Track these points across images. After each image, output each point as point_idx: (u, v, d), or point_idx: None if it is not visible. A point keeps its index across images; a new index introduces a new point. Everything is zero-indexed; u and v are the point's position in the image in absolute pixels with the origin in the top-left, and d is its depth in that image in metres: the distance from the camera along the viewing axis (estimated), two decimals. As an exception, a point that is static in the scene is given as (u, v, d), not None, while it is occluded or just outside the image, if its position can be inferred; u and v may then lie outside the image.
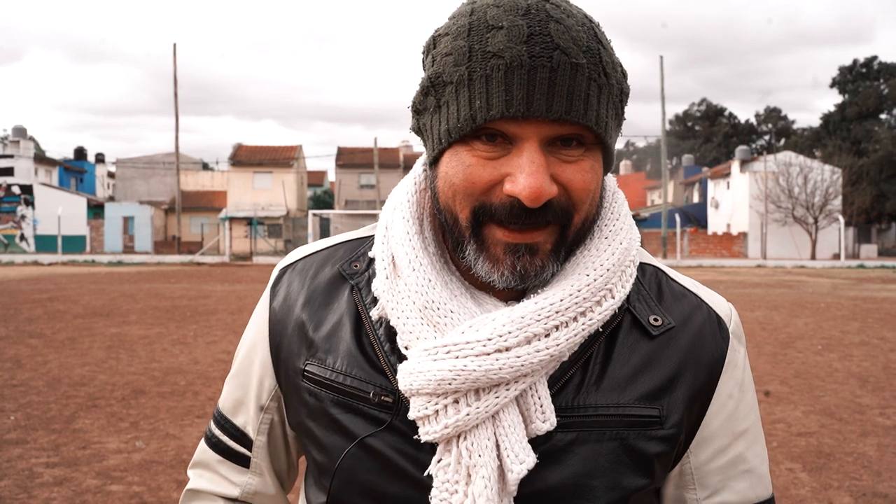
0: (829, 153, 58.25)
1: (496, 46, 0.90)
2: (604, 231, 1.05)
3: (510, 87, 0.89)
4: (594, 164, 0.97)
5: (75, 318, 14.35)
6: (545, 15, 0.91)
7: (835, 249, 48.09)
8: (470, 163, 0.94)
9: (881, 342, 12.05)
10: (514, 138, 0.93)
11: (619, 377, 1.02)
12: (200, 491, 1.22)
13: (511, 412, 0.96)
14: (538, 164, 0.91)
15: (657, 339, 1.05)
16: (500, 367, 0.93)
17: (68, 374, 8.87)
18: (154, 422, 6.81)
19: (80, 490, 5.07)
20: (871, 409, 7.56)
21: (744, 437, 1.10)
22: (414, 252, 1.03)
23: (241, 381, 1.21)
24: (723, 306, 1.13)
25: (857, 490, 5.26)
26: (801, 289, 23.83)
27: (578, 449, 0.99)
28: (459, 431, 0.95)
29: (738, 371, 1.10)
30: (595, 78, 0.92)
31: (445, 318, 0.98)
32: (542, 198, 0.91)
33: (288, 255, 1.24)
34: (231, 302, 17.81)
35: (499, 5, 0.93)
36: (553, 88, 0.89)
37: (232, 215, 51.52)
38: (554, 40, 0.89)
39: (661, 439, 1.02)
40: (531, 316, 0.95)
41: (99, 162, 71.68)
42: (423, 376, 0.94)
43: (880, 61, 74.70)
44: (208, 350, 10.67)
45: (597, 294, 0.99)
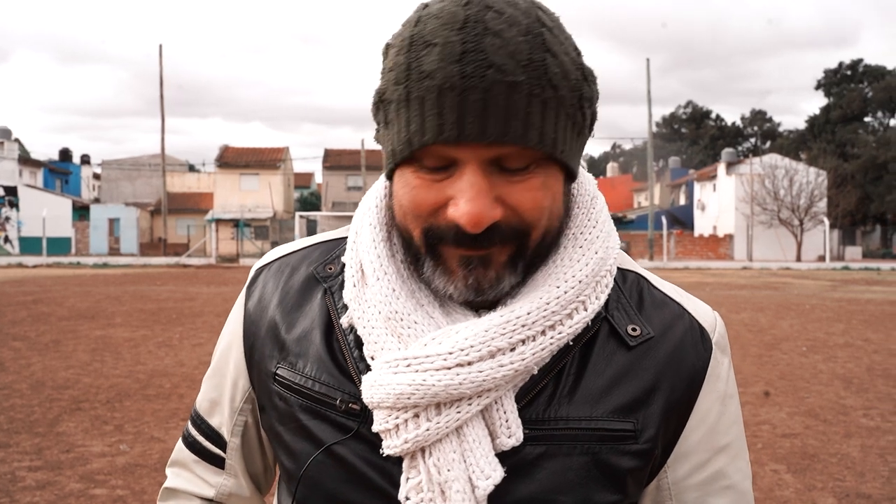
0: (815, 156, 58.53)
1: (429, 66, 0.85)
2: (579, 239, 1.01)
3: (442, 110, 0.85)
4: (546, 179, 0.92)
5: (60, 320, 14.27)
6: (482, 28, 0.85)
7: (820, 251, 48.35)
8: (415, 185, 0.92)
9: (865, 344, 12.13)
10: (453, 161, 0.89)
11: (592, 389, 0.98)
12: (177, 490, 1.21)
13: (476, 426, 0.93)
14: (477, 189, 0.87)
15: (635, 350, 1.01)
16: (461, 382, 0.90)
17: (52, 376, 8.82)
18: (139, 425, 6.77)
19: (64, 494, 5.03)
20: (855, 410, 7.61)
21: (725, 452, 1.05)
22: (379, 260, 1.00)
23: (217, 381, 1.19)
24: (706, 316, 1.08)
25: (841, 491, 5.28)
26: (786, 290, 23.96)
27: (548, 463, 0.95)
28: (420, 446, 0.92)
29: (721, 383, 1.06)
30: (537, 93, 0.86)
31: (409, 329, 0.95)
32: (482, 223, 0.87)
33: (265, 255, 1.22)
34: (217, 304, 17.75)
35: (439, 16, 0.87)
36: (487, 110, 0.84)
37: (218, 217, 51.35)
38: (488, 58, 0.84)
39: (634, 454, 0.98)
40: (496, 329, 0.91)
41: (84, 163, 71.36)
42: (383, 389, 0.92)
43: (865, 64, 75.22)
44: (194, 352, 10.63)
45: (567, 307, 0.95)
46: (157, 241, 53.49)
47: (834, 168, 53.27)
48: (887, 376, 9.32)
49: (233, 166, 54.68)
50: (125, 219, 50.89)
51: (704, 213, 57.89)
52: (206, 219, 52.83)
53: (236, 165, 54.72)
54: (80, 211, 53.76)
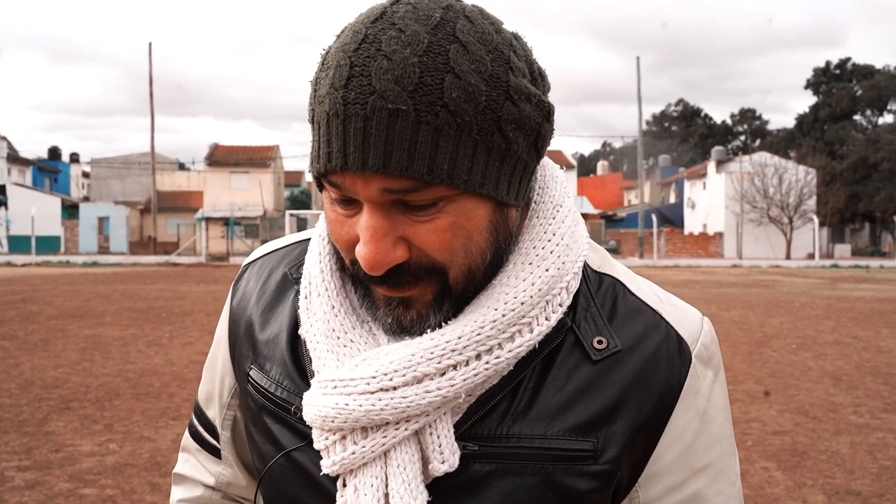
0: (804, 154, 58.73)
1: (322, 90, 0.82)
2: (530, 255, 0.93)
3: (330, 138, 0.81)
4: (456, 218, 0.84)
5: (49, 319, 14.20)
6: (374, 49, 0.79)
7: (809, 249, 48.53)
8: (331, 219, 0.89)
9: (854, 341, 12.18)
10: (353, 195, 0.84)
11: (549, 405, 0.92)
12: (185, 476, 1.25)
13: (403, 451, 0.89)
14: (373, 231, 0.82)
15: (599, 364, 0.94)
16: (382, 407, 0.86)
17: (41, 376, 8.77)
18: (128, 424, 6.75)
19: (53, 494, 5.01)
20: (845, 407, 7.64)
21: (703, 474, 0.97)
22: (322, 275, 0.98)
23: (210, 375, 1.20)
24: (689, 325, 0.99)
25: (831, 488, 5.31)
26: (776, 288, 24.04)
27: (497, 482, 0.91)
28: (348, 469, 0.90)
29: (701, 400, 0.97)
30: (428, 121, 0.79)
31: (345, 347, 0.93)
32: (380, 267, 0.83)
33: (254, 251, 1.21)
34: (207, 303, 17.70)
35: (343, 34, 0.84)
36: (368, 139, 0.79)
37: (208, 215, 51.21)
38: (371, 83, 0.78)
39: (593, 475, 0.91)
40: (423, 353, 0.87)
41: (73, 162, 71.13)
42: (314, 410, 0.90)
43: (854, 63, 75.58)
44: (184, 351, 10.59)
45: (507, 330, 0.88)
46: (147, 239, 53.29)
47: (823, 166, 53.50)
48: (876, 373, 9.37)
49: (223, 165, 54.51)
50: (114, 217, 50.71)
51: (694, 212, 58.06)
52: (195, 217, 52.68)
53: (226, 164, 54.56)
54: (69, 209, 53.58)
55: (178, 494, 1.24)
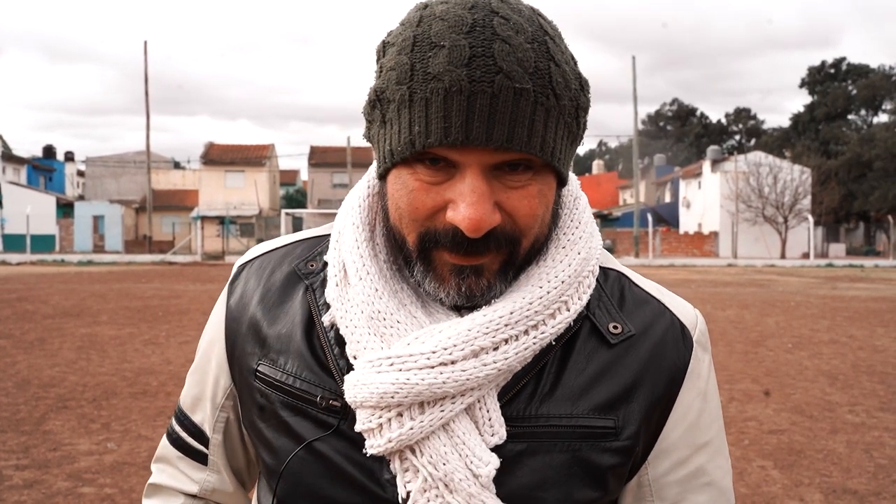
0: (799, 153, 58.88)
1: (436, 68, 0.85)
2: (562, 240, 1.02)
3: (449, 113, 0.85)
4: (542, 188, 0.93)
5: (45, 318, 14.17)
6: (490, 33, 0.85)
7: (804, 248, 48.64)
8: (413, 188, 0.91)
9: (850, 340, 12.21)
10: (456, 164, 0.89)
11: (573, 387, 0.99)
12: (161, 486, 1.22)
13: (463, 421, 0.93)
14: (479, 193, 0.87)
15: (616, 348, 1.02)
16: (444, 380, 0.90)
17: (38, 375, 8.76)
18: (126, 423, 6.74)
19: (51, 493, 5.00)
20: (841, 406, 7.66)
21: (705, 450, 1.06)
22: (362, 260, 1.00)
23: (199, 378, 1.20)
24: (688, 313, 1.09)
25: (828, 487, 5.32)
26: (771, 287, 24.08)
27: (529, 460, 0.96)
28: (404, 445, 0.92)
29: (701, 381, 1.06)
30: (542, 102, 0.86)
31: (392, 328, 0.95)
32: (482, 228, 0.88)
33: (247, 252, 1.22)
34: (203, 302, 17.67)
35: (444, 18, 0.87)
36: (494, 116, 0.84)
37: (204, 214, 51.16)
38: (497, 63, 0.84)
39: (615, 451, 0.99)
40: (478, 329, 0.92)
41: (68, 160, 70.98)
42: (366, 389, 0.92)
43: (849, 63, 75.70)
44: (180, 350, 10.58)
45: (550, 307, 0.96)
46: (142, 238, 53.17)
47: (818, 166, 53.62)
48: (872, 372, 9.40)
49: (218, 163, 54.46)
50: (110, 216, 50.58)
51: (689, 211, 58.12)
52: (191, 216, 52.62)
53: (221, 162, 54.51)
54: (64, 208, 53.44)
55: None
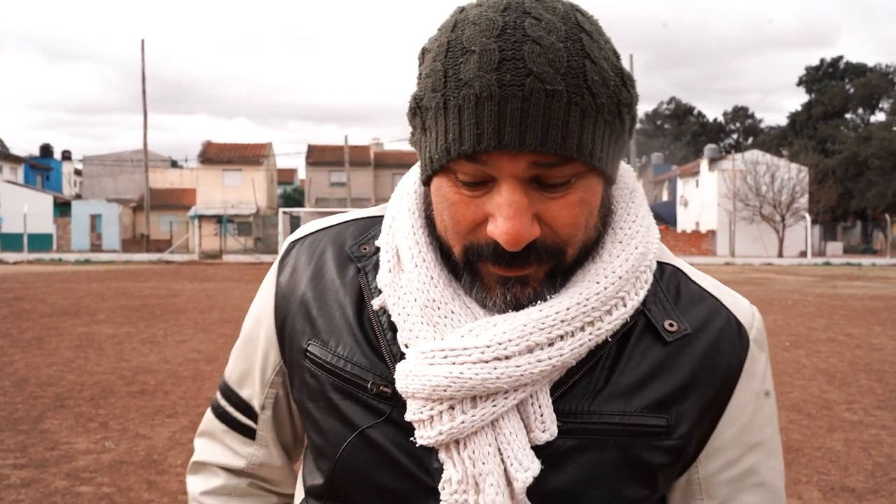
0: (796, 152, 58.95)
1: (467, 74, 0.84)
2: (618, 234, 1.00)
3: (480, 119, 0.83)
4: (584, 194, 0.90)
5: (42, 317, 14.15)
6: (521, 35, 0.83)
7: (801, 247, 48.71)
8: (453, 201, 0.91)
9: (847, 338, 12.23)
10: (492, 175, 0.87)
11: (626, 384, 0.97)
12: (206, 463, 1.22)
13: (511, 419, 0.92)
14: (517, 207, 0.86)
15: (671, 346, 1.00)
16: (498, 376, 0.89)
17: (35, 373, 8.75)
18: (124, 422, 6.73)
19: (49, 492, 4.99)
20: (838, 404, 7.67)
21: (757, 450, 1.05)
22: (418, 247, 0.99)
23: (247, 353, 1.19)
24: (745, 311, 1.06)
25: (826, 484, 5.33)
26: (768, 286, 24.11)
27: (578, 456, 0.95)
28: (454, 438, 0.92)
29: (756, 381, 1.04)
30: (576, 101, 0.84)
31: (446, 318, 0.94)
32: (521, 242, 0.87)
33: (299, 229, 1.21)
34: (201, 300, 17.67)
35: (477, 22, 0.86)
36: (526, 119, 0.82)
37: (201, 213, 51.12)
38: (527, 65, 0.82)
39: (666, 450, 0.98)
40: (534, 324, 0.90)
41: (66, 159, 70.87)
42: (418, 380, 0.91)
43: (846, 61, 75.74)
44: (178, 349, 10.57)
45: (607, 303, 0.94)
46: (140, 237, 53.13)
47: (815, 164, 53.64)
48: (869, 371, 9.41)
49: (215, 162, 54.43)
50: (107, 215, 50.53)
51: (687, 209, 58.17)
52: (188, 215, 52.59)
53: (219, 161, 54.47)
54: (61, 207, 53.41)
55: (200, 486, 1.22)
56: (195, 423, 6.41)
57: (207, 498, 1.20)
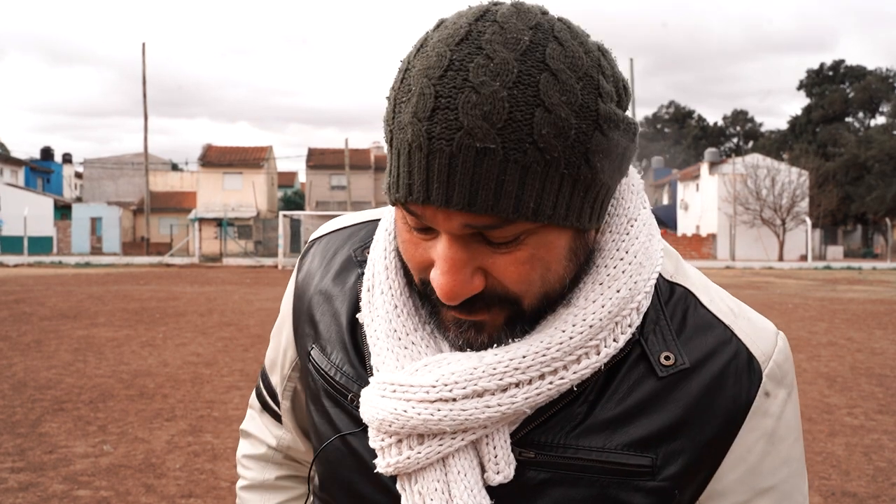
0: (796, 156, 58.88)
1: (404, 118, 0.77)
2: (600, 274, 0.90)
3: (412, 170, 0.77)
4: (536, 250, 0.81)
5: (42, 320, 14.15)
6: (461, 79, 0.74)
7: (802, 251, 48.70)
8: (404, 238, 0.87)
9: (848, 342, 12.21)
10: (432, 223, 0.81)
11: (608, 418, 0.90)
12: (251, 434, 1.30)
13: (462, 459, 0.88)
14: (451, 262, 0.80)
15: (664, 380, 0.91)
16: (440, 418, 0.85)
17: (34, 377, 8.73)
18: (122, 425, 6.71)
19: (47, 495, 4.98)
20: (839, 409, 7.66)
21: (768, 495, 0.94)
22: (386, 272, 0.95)
23: (275, 344, 1.22)
24: (762, 342, 0.96)
25: (827, 489, 5.31)
26: (769, 290, 24.10)
27: (551, 490, 0.90)
28: (402, 472, 0.89)
29: (770, 420, 0.93)
30: (516, 158, 0.74)
31: (406, 349, 0.91)
32: (457, 298, 0.81)
33: (323, 226, 1.21)
34: (201, 304, 17.66)
35: (427, 55, 0.78)
36: (453, 177, 0.75)
37: (202, 216, 51.11)
38: (458, 118, 0.74)
39: (648, 491, 0.90)
40: (484, 368, 0.85)
41: (66, 162, 70.94)
42: (372, 411, 0.89)
43: (846, 65, 75.81)
44: (178, 352, 10.56)
45: (573, 352, 0.86)
46: (140, 240, 53.23)
47: (815, 168, 53.63)
48: (870, 375, 9.39)
49: (216, 165, 54.45)
50: (107, 218, 50.55)
51: (687, 213, 58.16)
52: (189, 218, 52.58)
53: (219, 164, 54.50)
54: (61, 210, 53.44)
55: (245, 449, 1.31)
56: (194, 427, 6.41)
57: (248, 461, 1.29)
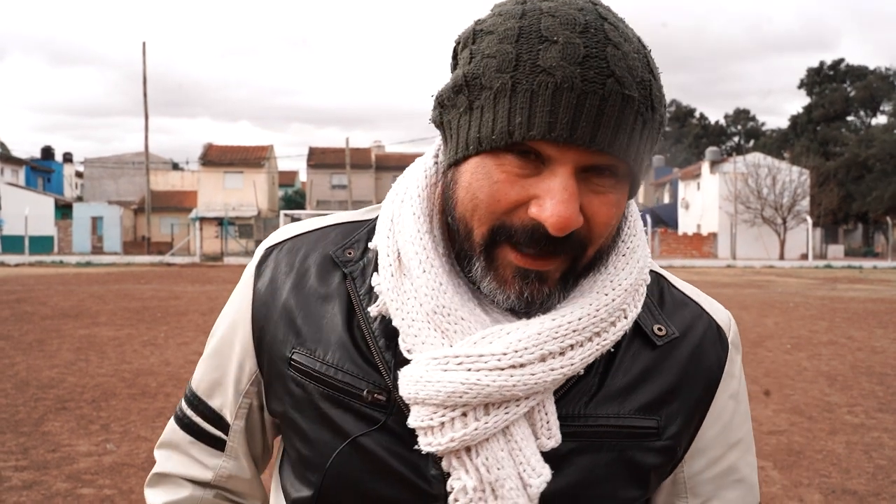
0: (798, 154, 58.88)
1: (547, 62, 0.83)
2: (621, 248, 1.01)
3: (556, 108, 0.83)
4: (620, 197, 0.91)
5: (43, 319, 14.16)
6: (603, 36, 0.85)
7: (803, 250, 48.65)
8: (498, 179, 0.88)
9: (848, 341, 12.22)
10: (548, 160, 0.86)
11: (619, 387, 1.00)
12: (168, 475, 1.17)
13: (521, 426, 0.93)
14: (570, 192, 0.85)
15: (660, 349, 1.03)
16: (514, 383, 0.89)
17: (37, 376, 8.75)
18: (125, 424, 6.74)
19: (51, 493, 5.00)
20: (840, 407, 7.67)
21: (737, 448, 1.09)
22: (425, 252, 0.96)
23: (219, 362, 1.14)
24: (722, 315, 1.11)
25: (827, 487, 5.33)
26: (770, 289, 24.09)
27: (577, 459, 0.96)
28: (466, 445, 0.91)
29: (735, 381, 1.09)
30: (642, 112, 0.86)
31: (455, 325, 0.93)
32: (568, 228, 0.86)
33: (274, 234, 1.16)
34: (202, 303, 17.67)
35: (554, 15, 0.86)
36: (600, 118, 0.83)
37: (202, 215, 51.10)
38: (609, 66, 0.83)
39: (658, 451, 1.01)
40: (548, 333, 0.91)
41: (67, 161, 70.94)
42: (431, 386, 0.90)
43: (847, 64, 75.72)
44: (179, 351, 10.57)
45: (613, 315, 0.96)
46: (141, 239, 53.18)
47: (816, 167, 53.63)
48: (871, 373, 9.40)
49: (217, 164, 54.45)
50: (108, 217, 50.54)
51: (688, 212, 58.12)
52: (190, 217, 52.56)
53: (220, 164, 54.48)
54: (62, 209, 53.43)
55: (161, 498, 1.17)
56: (196, 426, 6.33)
57: None
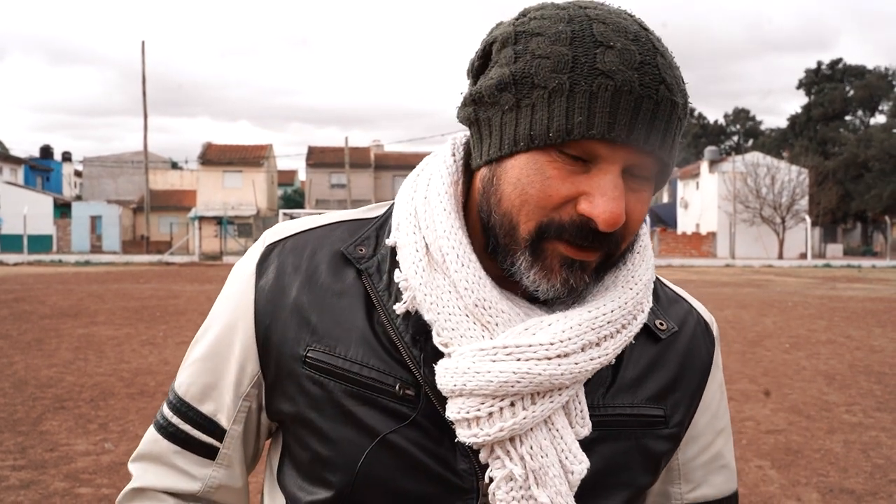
0: (796, 154, 58.82)
1: (607, 65, 0.88)
2: (636, 246, 1.07)
3: (615, 110, 0.88)
4: (650, 196, 0.98)
5: (42, 318, 14.16)
6: (651, 46, 0.91)
7: (801, 249, 48.68)
8: (550, 175, 0.91)
9: (847, 340, 12.23)
10: (598, 158, 0.91)
11: (630, 378, 1.06)
12: (146, 489, 1.11)
13: (560, 415, 0.97)
14: (620, 190, 0.91)
15: (662, 342, 1.10)
16: (562, 372, 0.93)
17: (35, 375, 8.75)
18: (123, 423, 6.74)
19: (48, 493, 5.00)
20: (838, 406, 7.68)
21: (722, 435, 1.18)
22: (461, 247, 0.98)
23: (213, 364, 1.10)
24: (705, 312, 1.20)
25: (825, 486, 5.33)
26: (769, 288, 24.11)
27: (599, 447, 1.01)
28: (514, 434, 0.93)
29: (719, 372, 1.18)
30: (681, 117, 0.93)
31: (497, 317, 0.95)
32: (617, 224, 0.90)
33: (271, 231, 1.13)
34: (201, 302, 17.66)
35: (605, 22, 0.91)
36: (653, 121, 0.89)
37: (201, 214, 51.07)
38: (661, 73, 0.90)
39: (667, 438, 1.08)
40: (587, 324, 0.96)
41: (66, 160, 70.85)
42: (480, 377, 0.91)
43: (846, 63, 75.70)
44: (178, 350, 10.57)
45: (636, 308, 1.02)
46: (140, 238, 53.14)
47: (815, 166, 53.59)
48: (869, 373, 9.41)
49: (216, 164, 54.39)
50: (107, 216, 50.50)
51: (687, 211, 58.16)
52: (189, 216, 52.54)
53: (219, 163, 54.43)
54: (61, 208, 53.39)
55: None
56: (195, 425, 6.33)
57: None
